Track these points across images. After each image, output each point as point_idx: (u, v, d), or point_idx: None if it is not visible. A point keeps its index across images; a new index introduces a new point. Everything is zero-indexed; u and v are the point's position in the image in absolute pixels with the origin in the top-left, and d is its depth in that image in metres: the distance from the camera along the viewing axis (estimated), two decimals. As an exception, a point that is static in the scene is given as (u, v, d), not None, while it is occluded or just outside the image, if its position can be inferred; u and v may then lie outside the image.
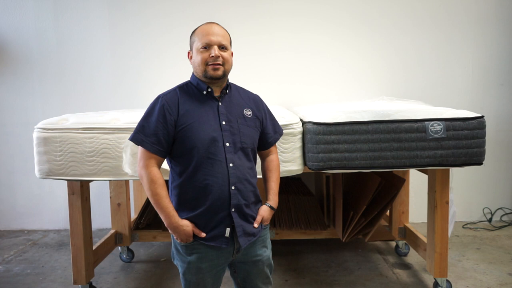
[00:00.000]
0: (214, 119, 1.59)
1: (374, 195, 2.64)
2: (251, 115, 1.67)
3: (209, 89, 1.62)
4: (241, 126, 1.62)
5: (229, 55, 1.62)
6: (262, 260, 1.69)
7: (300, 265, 3.01)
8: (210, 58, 1.56)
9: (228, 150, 1.57)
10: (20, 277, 2.90)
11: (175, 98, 1.60)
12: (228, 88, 1.68)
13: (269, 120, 1.77)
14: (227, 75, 1.65)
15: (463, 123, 2.14)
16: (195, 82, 1.65)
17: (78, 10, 3.82)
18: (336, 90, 3.86)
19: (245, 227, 1.60)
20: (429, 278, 2.73)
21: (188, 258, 1.60)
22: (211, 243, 1.58)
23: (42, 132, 2.21)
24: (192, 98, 1.61)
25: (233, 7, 3.79)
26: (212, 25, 1.61)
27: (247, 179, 1.61)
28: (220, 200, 1.56)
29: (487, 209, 3.97)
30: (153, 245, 3.46)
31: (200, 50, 1.58)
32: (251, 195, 1.64)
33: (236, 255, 1.64)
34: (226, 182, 1.56)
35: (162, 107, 1.57)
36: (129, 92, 3.86)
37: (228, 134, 1.58)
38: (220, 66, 1.57)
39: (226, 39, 1.62)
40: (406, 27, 3.82)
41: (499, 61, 3.86)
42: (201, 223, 1.58)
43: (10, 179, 3.95)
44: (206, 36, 1.57)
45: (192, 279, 1.62)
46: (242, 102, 1.68)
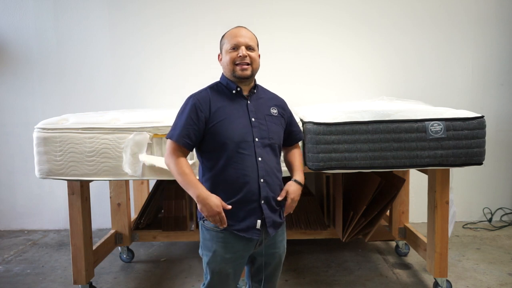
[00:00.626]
0: (244, 116, 1.68)
1: (374, 195, 2.64)
2: (277, 113, 1.77)
3: (238, 88, 1.72)
4: (268, 123, 1.71)
5: (256, 55, 1.71)
6: (279, 253, 1.79)
7: (300, 265, 3.01)
8: (238, 58, 1.66)
9: (257, 145, 1.66)
10: (20, 277, 2.90)
11: (206, 97, 1.70)
12: (256, 88, 1.78)
13: (294, 120, 1.89)
14: (255, 75, 1.74)
15: (463, 123, 2.14)
16: (224, 82, 1.75)
17: (78, 10, 3.82)
18: (336, 90, 3.86)
19: (274, 218, 1.69)
20: (429, 278, 2.73)
21: (214, 247, 1.67)
22: (244, 234, 1.65)
23: (42, 132, 2.22)
24: (222, 96, 1.71)
25: (233, 7, 3.79)
26: (240, 29, 1.73)
27: (274, 173, 1.70)
28: (250, 192, 1.63)
29: (487, 209, 3.97)
30: (153, 245, 3.46)
31: (229, 51, 1.69)
32: (278, 189, 1.72)
33: (258, 247, 1.72)
34: (256, 175, 1.64)
35: (194, 105, 1.66)
36: (129, 92, 3.86)
37: (257, 130, 1.67)
38: (248, 65, 1.67)
39: (253, 41, 1.72)
40: (406, 27, 3.82)
41: (499, 61, 3.86)
42: (232, 215, 1.64)
43: (10, 179, 3.95)
44: (235, 38, 1.68)
45: (215, 269, 1.69)
46: (268, 102, 1.78)
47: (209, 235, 1.68)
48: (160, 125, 2.23)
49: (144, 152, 2.20)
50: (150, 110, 3.01)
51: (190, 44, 3.83)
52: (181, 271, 2.95)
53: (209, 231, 1.68)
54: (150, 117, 2.30)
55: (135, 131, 2.21)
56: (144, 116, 2.33)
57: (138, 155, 2.20)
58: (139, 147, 2.20)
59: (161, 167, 2.18)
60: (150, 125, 2.22)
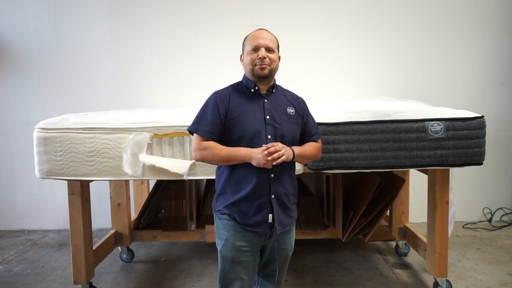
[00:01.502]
0: (259, 113, 1.74)
1: (374, 195, 2.64)
2: (294, 113, 1.81)
3: (256, 87, 1.78)
4: (283, 121, 1.76)
5: (275, 57, 1.79)
6: (287, 249, 1.84)
7: (300, 265, 3.01)
8: (258, 59, 1.73)
9: (269, 142, 1.70)
10: (20, 277, 2.90)
11: (227, 93, 1.79)
12: (275, 88, 1.84)
13: (311, 120, 1.90)
14: (273, 75, 1.81)
15: (463, 123, 2.14)
16: (245, 81, 1.83)
17: (78, 10, 3.82)
18: (336, 90, 3.86)
19: (280, 216, 1.74)
20: (429, 278, 2.73)
21: (225, 235, 1.74)
22: (256, 229, 1.72)
23: (42, 132, 2.21)
24: (241, 94, 1.79)
25: (233, 7, 3.79)
26: (261, 31, 1.80)
27: (286, 170, 1.75)
28: (261, 186, 1.70)
29: (487, 209, 3.97)
30: (153, 245, 3.46)
31: (249, 52, 1.76)
32: (289, 186, 1.77)
33: (267, 240, 1.77)
34: (267, 170, 1.69)
35: (216, 99, 1.76)
36: (129, 92, 3.86)
37: (271, 127, 1.73)
38: (267, 66, 1.73)
39: (274, 43, 1.80)
40: (406, 27, 3.82)
41: (499, 61, 3.86)
42: (244, 207, 1.71)
43: (10, 179, 3.95)
44: (255, 40, 1.76)
45: (227, 256, 1.75)
46: (286, 102, 1.83)
47: (221, 224, 1.76)
48: (160, 125, 2.23)
49: (144, 152, 2.20)
50: (150, 110, 3.01)
51: (190, 44, 3.83)
52: (181, 271, 2.95)
53: (222, 220, 1.75)
54: (150, 117, 2.30)
55: (135, 131, 2.21)
56: (144, 116, 2.33)
57: (138, 155, 2.20)
58: (139, 147, 2.20)
59: (161, 167, 2.18)
60: (150, 125, 2.22)
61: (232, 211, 1.73)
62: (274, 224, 1.72)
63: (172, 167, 2.20)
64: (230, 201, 1.73)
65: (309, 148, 1.82)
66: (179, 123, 2.23)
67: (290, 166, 1.79)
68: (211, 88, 1.93)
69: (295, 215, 1.83)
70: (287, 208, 1.77)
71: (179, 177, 2.21)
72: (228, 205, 1.74)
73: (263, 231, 1.73)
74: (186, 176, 2.20)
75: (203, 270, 2.95)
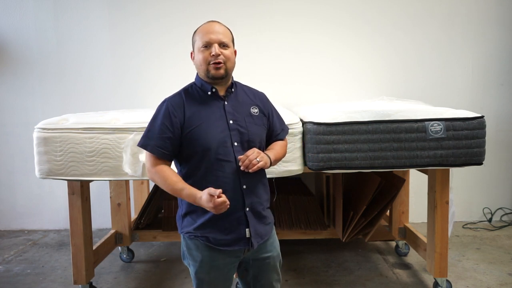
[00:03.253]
0: (221, 119, 1.57)
1: (374, 195, 2.64)
2: (258, 112, 1.65)
3: (214, 89, 1.60)
4: (248, 124, 1.59)
5: (230, 53, 1.58)
6: (273, 256, 1.69)
7: (300, 265, 3.01)
8: (211, 57, 1.54)
9: (236, 150, 1.55)
10: (20, 277, 2.90)
11: (180, 101, 1.59)
12: (233, 86, 1.65)
13: (276, 118, 1.75)
14: (230, 74, 1.62)
15: (463, 123, 2.14)
16: (199, 83, 1.64)
17: (78, 10, 3.81)
18: (336, 90, 3.85)
19: (257, 228, 1.60)
20: (429, 278, 2.73)
21: (200, 256, 1.59)
22: (235, 248, 1.57)
23: (42, 132, 2.21)
24: (197, 99, 1.60)
25: (233, 7, 3.79)
26: (212, 24, 1.59)
27: (258, 178, 1.61)
28: (233, 200, 1.52)
29: (487, 209, 3.97)
30: (153, 245, 3.46)
31: (201, 49, 1.57)
32: (263, 193, 1.64)
33: (247, 253, 1.63)
34: (238, 181, 1.55)
35: (167, 110, 1.56)
36: (129, 92, 3.86)
37: (236, 133, 1.56)
38: (222, 64, 1.55)
39: (227, 36, 1.59)
40: (406, 27, 3.82)
41: (499, 61, 3.86)
42: (217, 227, 1.56)
43: (10, 179, 3.95)
44: (206, 35, 1.55)
45: (205, 278, 1.61)
46: (248, 100, 1.66)
47: (193, 244, 1.59)
48: (160, 125, 2.23)
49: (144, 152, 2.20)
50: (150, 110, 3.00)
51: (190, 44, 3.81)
52: (181, 271, 2.95)
53: (193, 240, 1.58)
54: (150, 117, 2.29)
55: (135, 131, 2.21)
56: (144, 116, 2.33)
57: (138, 155, 2.20)
58: (139, 147, 2.20)
59: None
60: (150, 125, 2.22)
61: (204, 232, 1.56)
62: (250, 239, 1.57)
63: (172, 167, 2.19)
64: (200, 222, 1.55)
65: (280, 149, 1.69)
66: (179, 123, 2.22)
67: (262, 173, 1.63)
68: (211, 88, 1.92)
69: (271, 219, 1.69)
70: (262, 216, 1.63)
71: (179, 177, 2.21)
72: (198, 226, 1.56)
73: (241, 248, 1.58)
74: (186, 176, 2.20)
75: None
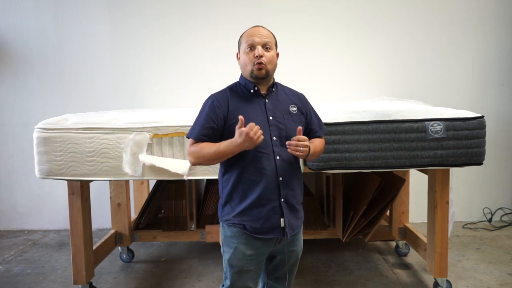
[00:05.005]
0: (262, 115, 1.67)
1: (374, 195, 2.64)
2: (296, 111, 1.74)
3: (256, 88, 1.71)
4: (287, 121, 1.69)
5: (272, 55, 1.70)
6: (297, 251, 1.81)
7: (300, 265, 2.98)
8: (255, 58, 1.65)
9: (275, 144, 1.65)
10: (20, 277, 2.90)
11: (225, 96, 1.70)
12: (274, 86, 1.76)
13: (314, 117, 1.84)
14: (272, 75, 1.72)
15: (463, 123, 2.14)
16: (243, 82, 1.74)
17: (78, 10, 3.82)
18: (336, 90, 3.86)
19: (290, 219, 1.68)
20: (429, 278, 2.73)
21: (235, 244, 1.67)
22: (269, 236, 1.65)
23: (42, 132, 2.22)
24: (240, 96, 1.71)
25: (233, 7, 3.79)
26: (258, 28, 1.71)
27: (293, 172, 1.70)
28: (270, 190, 1.63)
29: (487, 209, 3.97)
30: (153, 245, 3.46)
31: (246, 51, 1.68)
32: (298, 187, 1.73)
33: (278, 244, 1.71)
34: (274, 173, 1.64)
35: (212, 103, 1.67)
36: (129, 92, 3.86)
37: (275, 128, 1.66)
38: (264, 65, 1.65)
39: (271, 40, 1.71)
40: (406, 27, 3.82)
41: (499, 61, 3.86)
42: (254, 215, 1.64)
43: (10, 179, 3.95)
44: (251, 37, 1.67)
45: (237, 265, 1.68)
46: (287, 100, 1.76)
47: (230, 232, 1.69)
48: (160, 125, 2.23)
49: (144, 152, 2.20)
50: (150, 110, 3.01)
51: (190, 44, 3.83)
52: (181, 271, 2.95)
53: (231, 228, 1.68)
54: (150, 117, 2.30)
55: (135, 131, 2.21)
56: (144, 116, 2.33)
57: (138, 155, 2.20)
58: (139, 147, 2.21)
59: (161, 167, 2.18)
60: (150, 125, 2.22)
61: (242, 220, 1.66)
62: (285, 228, 1.66)
63: (172, 167, 2.20)
64: (238, 210, 1.66)
65: (318, 145, 1.76)
66: (179, 123, 2.23)
67: (298, 167, 1.74)
68: (211, 88, 1.93)
69: (302, 215, 1.80)
70: (296, 210, 1.73)
71: (179, 177, 2.21)
72: (236, 214, 1.66)
73: (275, 237, 1.67)
74: (186, 176, 2.20)
75: (203, 270, 2.95)
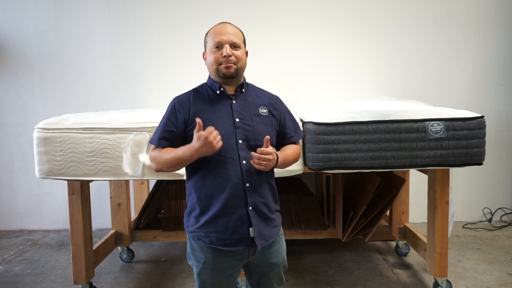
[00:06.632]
0: (227, 117, 1.58)
1: (374, 195, 2.64)
2: (267, 113, 1.64)
3: (222, 89, 1.62)
4: (255, 123, 1.59)
5: (242, 53, 1.61)
6: (278, 263, 1.67)
7: (300, 265, 3.01)
8: (222, 58, 1.56)
9: (241, 148, 1.55)
10: (20, 277, 2.90)
11: (187, 98, 1.62)
12: (244, 87, 1.67)
13: (289, 121, 1.74)
14: (241, 74, 1.64)
15: (463, 123, 2.14)
16: (209, 83, 1.67)
17: (78, 10, 3.82)
18: (336, 90, 3.85)
19: (261, 228, 1.57)
20: (429, 278, 2.73)
21: (203, 258, 1.58)
22: (238, 248, 1.55)
23: (42, 132, 2.22)
24: (205, 98, 1.62)
25: (233, 7, 3.79)
26: (224, 25, 1.62)
27: (263, 177, 1.58)
28: (235, 198, 1.53)
29: (487, 209, 3.97)
30: (153, 245, 3.46)
31: (212, 49, 1.59)
32: (269, 194, 1.61)
33: (252, 257, 1.61)
34: (240, 179, 1.53)
35: (174, 106, 1.61)
36: (129, 92, 3.86)
37: (241, 131, 1.56)
38: (232, 64, 1.57)
39: (239, 37, 1.61)
40: (406, 27, 3.81)
41: (499, 61, 3.86)
42: (220, 226, 1.54)
43: (10, 179, 3.95)
44: (218, 36, 1.57)
45: (207, 280, 1.60)
46: (258, 101, 1.67)
47: (197, 245, 1.59)
48: (160, 125, 2.23)
49: (144, 152, 2.20)
50: (150, 110, 3.01)
51: (190, 44, 3.82)
52: (181, 271, 2.95)
53: (197, 241, 1.58)
54: (150, 117, 2.30)
55: (135, 131, 2.21)
56: (144, 116, 2.33)
57: (138, 155, 2.20)
58: (139, 147, 2.20)
59: None
60: (150, 125, 2.22)
61: (208, 232, 1.55)
62: (254, 239, 1.54)
63: (172, 167, 2.19)
64: (203, 221, 1.55)
65: (291, 153, 1.66)
66: (179, 123, 2.22)
67: (269, 172, 1.61)
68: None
69: (278, 222, 1.66)
70: (268, 218, 1.59)
71: (179, 177, 2.21)
72: (202, 225, 1.56)
73: (245, 249, 1.56)
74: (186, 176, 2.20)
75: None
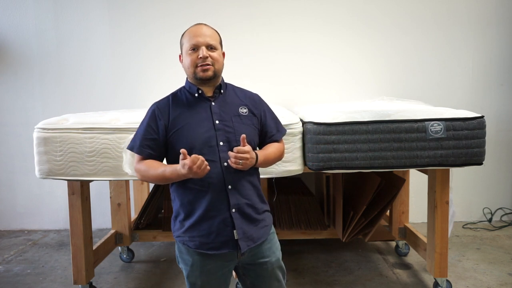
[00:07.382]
0: (207, 119, 1.56)
1: (374, 195, 2.64)
2: (247, 112, 1.62)
3: (200, 91, 1.61)
4: (236, 124, 1.57)
5: (218, 55, 1.59)
6: (271, 262, 1.64)
7: (300, 265, 3.01)
8: (199, 60, 1.55)
9: (222, 149, 1.53)
10: (20, 277, 2.90)
11: (166, 104, 1.62)
12: (223, 87, 1.65)
13: (270, 119, 1.72)
14: (219, 75, 1.62)
15: (463, 123, 2.14)
16: (187, 86, 1.66)
17: (78, 10, 3.82)
18: (336, 90, 3.85)
19: (246, 230, 1.55)
20: (429, 278, 2.73)
21: (190, 261, 1.58)
22: (223, 251, 1.54)
23: (42, 132, 2.21)
24: (184, 102, 1.61)
25: (233, 7, 3.79)
26: (200, 26, 1.60)
27: (246, 178, 1.57)
28: (218, 201, 1.52)
29: (487, 209, 3.97)
30: (153, 245, 3.46)
31: (188, 52, 1.57)
32: (253, 194, 1.59)
33: (241, 257, 1.59)
34: (222, 182, 1.51)
35: (153, 112, 1.60)
36: (129, 92, 3.86)
37: (222, 133, 1.55)
38: (210, 66, 1.55)
39: (215, 39, 1.60)
40: (406, 27, 3.81)
41: (499, 61, 3.86)
42: (204, 230, 1.54)
43: (10, 179, 3.95)
44: (194, 38, 1.56)
45: (196, 282, 1.58)
46: (237, 101, 1.65)
47: (184, 249, 1.59)
48: (160, 125, 2.23)
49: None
50: (150, 110, 3.00)
51: (190, 44, 3.82)
52: (181, 271, 2.93)
53: (184, 244, 1.58)
54: (150, 117, 2.29)
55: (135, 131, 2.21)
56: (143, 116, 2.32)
57: (138, 155, 2.19)
58: (139, 147, 2.20)
59: None
60: (150, 125, 2.22)
61: (192, 236, 1.54)
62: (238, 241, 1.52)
63: (172, 167, 2.19)
64: (187, 225, 1.55)
65: (273, 151, 1.64)
66: (179, 123, 2.22)
67: (250, 172, 1.58)
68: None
69: (267, 222, 1.64)
70: (254, 219, 1.57)
71: (179, 177, 2.21)
72: (186, 230, 1.55)
73: (231, 251, 1.54)
74: (186, 176, 2.20)
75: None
